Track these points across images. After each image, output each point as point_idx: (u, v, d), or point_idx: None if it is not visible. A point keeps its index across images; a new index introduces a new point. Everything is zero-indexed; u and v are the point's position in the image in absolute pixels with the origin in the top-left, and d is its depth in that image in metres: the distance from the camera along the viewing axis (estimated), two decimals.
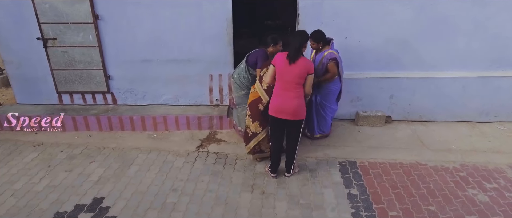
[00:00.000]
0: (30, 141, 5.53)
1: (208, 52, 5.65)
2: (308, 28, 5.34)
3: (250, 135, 4.64)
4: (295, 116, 4.12)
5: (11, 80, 6.10)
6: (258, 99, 4.45)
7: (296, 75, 3.97)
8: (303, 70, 3.95)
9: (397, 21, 5.39)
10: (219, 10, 5.40)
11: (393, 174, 4.69)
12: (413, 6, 5.28)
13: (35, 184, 4.50)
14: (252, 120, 4.55)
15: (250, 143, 4.69)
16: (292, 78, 3.99)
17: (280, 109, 4.13)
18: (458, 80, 5.75)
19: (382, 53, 5.60)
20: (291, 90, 4.03)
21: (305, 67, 3.96)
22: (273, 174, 4.59)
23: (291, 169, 4.56)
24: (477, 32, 5.43)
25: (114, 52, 5.74)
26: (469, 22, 5.37)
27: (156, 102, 6.14)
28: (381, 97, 5.93)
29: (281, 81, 4.08)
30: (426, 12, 5.31)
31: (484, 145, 5.41)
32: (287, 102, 4.06)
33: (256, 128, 4.56)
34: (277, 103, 4.14)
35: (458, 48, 5.54)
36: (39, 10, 5.44)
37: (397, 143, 5.44)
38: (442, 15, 5.32)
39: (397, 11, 5.32)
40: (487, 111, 5.98)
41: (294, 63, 3.95)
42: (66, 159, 5.06)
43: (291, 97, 4.04)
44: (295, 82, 3.99)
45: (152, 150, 5.26)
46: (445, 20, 5.36)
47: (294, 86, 4.01)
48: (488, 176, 4.66)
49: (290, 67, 3.97)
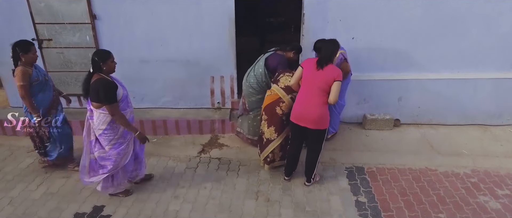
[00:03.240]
0: (25, 146, 5.35)
1: (208, 52, 5.47)
2: (313, 27, 5.23)
3: (264, 142, 4.48)
4: (317, 125, 3.98)
5: (4, 83, 5.94)
6: (276, 101, 4.28)
7: (322, 81, 3.85)
8: (330, 77, 3.83)
9: (405, 19, 5.20)
10: (220, 7, 5.22)
11: (402, 180, 4.52)
12: (422, 2, 5.09)
13: (32, 191, 4.35)
14: (268, 125, 4.38)
15: (264, 150, 4.52)
16: (318, 84, 3.87)
17: (302, 116, 4.00)
18: (469, 82, 5.56)
19: (390, 53, 5.42)
20: (315, 97, 3.91)
21: (332, 73, 3.84)
22: (287, 176, 4.45)
23: (311, 178, 4.39)
24: (489, 30, 5.24)
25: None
26: (481, 19, 5.18)
27: (155, 105, 5.96)
28: (389, 99, 5.75)
29: (306, 86, 3.97)
30: (435, 9, 5.12)
31: (496, 149, 5.23)
32: (310, 109, 3.94)
33: (271, 134, 4.38)
34: (299, 110, 4.02)
35: (469, 47, 5.35)
36: (34, 9, 5.27)
37: (406, 147, 5.27)
38: (452, 12, 5.13)
39: (405, 9, 5.13)
40: (500, 113, 5.79)
41: (322, 69, 3.86)
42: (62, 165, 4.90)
43: (315, 104, 3.91)
44: (321, 89, 3.87)
45: (152, 156, 5.09)
46: (456, 18, 5.17)
47: (319, 92, 3.88)
48: (500, 182, 4.50)
49: (318, 73, 3.87)
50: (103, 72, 3.64)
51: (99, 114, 3.67)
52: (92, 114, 3.74)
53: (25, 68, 4.07)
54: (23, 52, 4.03)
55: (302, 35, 5.35)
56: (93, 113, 3.72)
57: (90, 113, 3.77)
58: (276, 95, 4.24)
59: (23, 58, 4.06)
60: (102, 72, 3.64)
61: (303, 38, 5.35)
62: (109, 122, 3.68)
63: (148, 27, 5.37)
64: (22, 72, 4.03)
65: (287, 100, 4.22)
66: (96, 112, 3.68)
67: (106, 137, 3.76)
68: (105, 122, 3.68)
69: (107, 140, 3.78)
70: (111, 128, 3.73)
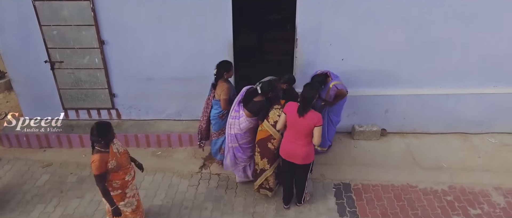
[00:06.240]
0: (40, 160, 5.81)
1: (209, 71, 5.70)
2: (306, 51, 5.55)
3: (258, 171, 4.87)
4: (304, 161, 4.39)
5: (18, 97, 6.30)
6: (268, 138, 4.62)
7: (305, 127, 4.18)
8: (311, 123, 4.15)
9: (392, 44, 5.52)
10: (220, 35, 5.53)
11: (385, 198, 4.99)
12: (407, 29, 5.41)
13: (50, 213, 4.83)
14: (261, 157, 4.74)
15: (257, 180, 4.91)
16: (301, 129, 4.21)
17: (290, 154, 4.41)
18: (451, 97, 5.93)
19: (377, 72, 5.77)
20: (300, 139, 4.26)
21: (313, 120, 4.15)
22: (286, 205, 4.87)
23: (302, 200, 4.84)
24: (470, 53, 5.59)
25: (119, 73, 5.91)
26: (462, 44, 5.52)
27: (159, 117, 6.36)
28: (376, 112, 6.14)
29: (292, 129, 4.32)
30: (419, 35, 5.45)
31: (474, 162, 5.66)
32: (297, 149, 4.32)
33: (265, 164, 4.76)
34: (288, 149, 4.41)
35: (451, 67, 5.70)
36: (47, 36, 5.60)
37: (391, 161, 5.71)
38: (435, 37, 5.45)
39: (392, 35, 5.44)
40: (479, 123, 6.20)
41: (303, 117, 4.16)
42: (76, 182, 5.36)
43: (301, 145, 4.28)
44: (305, 133, 4.21)
45: (158, 171, 5.54)
46: (439, 42, 5.50)
47: (303, 136, 4.23)
48: (473, 200, 4.96)
49: (300, 120, 4.18)
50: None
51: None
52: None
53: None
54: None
55: (295, 57, 5.67)
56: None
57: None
58: (268, 132, 4.61)
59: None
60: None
61: (297, 60, 5.67)
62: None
63: (153, 51, 5.70)
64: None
65: (278, 137, 4.59)
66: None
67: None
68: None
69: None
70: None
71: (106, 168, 3.70)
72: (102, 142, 3.70)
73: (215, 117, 5.08)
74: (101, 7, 5.40)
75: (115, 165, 3.76)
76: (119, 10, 5.43)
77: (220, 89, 4.88)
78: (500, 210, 4.80)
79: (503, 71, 5.75)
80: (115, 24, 5.53)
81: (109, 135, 3.74)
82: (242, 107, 4.70)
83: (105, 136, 3.69)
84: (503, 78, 5.83)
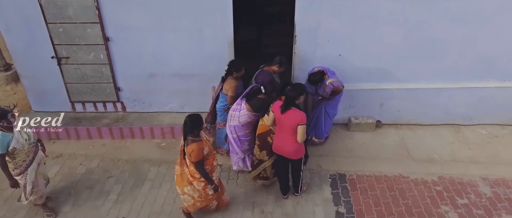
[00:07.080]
0: (49, 152, 6.05)
1: (210, 69, 5.99)
2: (304, 48, 5.75)
3: (256, 163, 5.13)
4: (294, 156, 4.66)
5: (26, 92, 6.55)
6: (267, 132, 4.88)
7: (288, 124, 4.43)
8: (293, 122, 4.37)
9: (387, 42, 5.72)
10: (220, 34, 5.74)
11: (377, 189, 5.28)
12: (403, 29, 5.60)
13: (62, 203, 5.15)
14: (260, 149, 5.00)
15: (255, 170, 5.17)
16: (285, 127, 4.47)
17: (281, 149, 4.69)
18: (445, 91, 6.17)
19: (373, 69, 5.99)
20: (288, 135, 4.51)
21: (295, 119, 4.36)
22: (284, 195, 5.16)
23: (299, 189, 5.13)
24: (464, 52, 5.81)
25: (123, 68, 6.15)
26: (457, 43, 5.73)
27: (162, 110, 6.62)
28: (372, 105, 6.38)
29: (280, 126, 4.58)
30: (415, 34, 5.64)
31: (464, 153, 5.92)
32: (286, 145, 4.58)
33: (263, 156, 5.02)
34: (278, 144, 4.69)
35: (445, 64, 5.92)
36: (53, 33, 5.81)
37: (384, 153, 5.97)
38: (430, 36, 5.65)
39: (388, 34, 5.64)
40: (471, 116, 6.46)
41: (284, 114, 4.40)
42: (85, 173, 5.65)
43: (290, 142, 4.53)
44: (290, 130, 4.45)
45: (162, 163, 5.82)
46: (435, 42, 5.70)
47: (290, 132, 4.47)
48: (461, 190, 5.24)
49: (283, 117, 4.44)
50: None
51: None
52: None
53: None
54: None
55: (294, 53, 5.88)
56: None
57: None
58: (267, 127, 4.87)
59: None
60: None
61: (295, 56, 5.89)
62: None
63: (154, 49, 5.93)
64: None
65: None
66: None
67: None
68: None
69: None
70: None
71: (203, 154, 4.08)
72: (196, 131, 4.05)
73: (220, 109, 5.41)
74: (105, 5, 5.59)
75: (208, 151, 4.18)
76: (122, 8, 5.63)
77: (228, 85, 5.19)
78: (486, 199, 5.08)
79: (494, 67, 5.97)
80: (119, 22, 5.72)
81: (202, 125, 4.16)
82: (244, 102, 4.98)
83: (198, 126, 4.07)
84: (495, 73, 6.05)
